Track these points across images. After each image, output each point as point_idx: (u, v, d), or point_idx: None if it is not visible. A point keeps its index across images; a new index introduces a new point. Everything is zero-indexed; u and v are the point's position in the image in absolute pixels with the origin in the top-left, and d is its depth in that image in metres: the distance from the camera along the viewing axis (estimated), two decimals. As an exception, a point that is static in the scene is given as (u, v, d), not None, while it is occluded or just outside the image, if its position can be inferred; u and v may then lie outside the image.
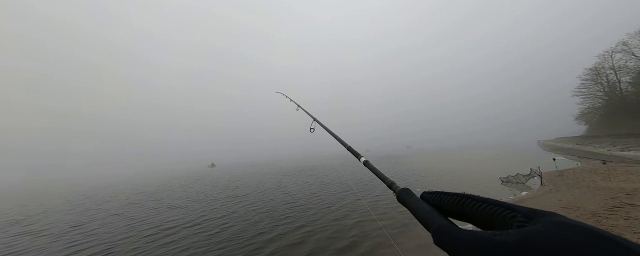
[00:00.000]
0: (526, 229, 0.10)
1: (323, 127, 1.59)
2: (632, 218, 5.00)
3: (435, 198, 0.25)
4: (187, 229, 7.89)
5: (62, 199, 20.30)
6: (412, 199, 0.30)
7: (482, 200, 0.17)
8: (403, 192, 0.35)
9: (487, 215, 0.15)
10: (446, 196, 0.22)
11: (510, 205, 0.13)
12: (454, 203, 0.20)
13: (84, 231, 8.77)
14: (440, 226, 0.16)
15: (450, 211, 0.21)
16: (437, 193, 0.25)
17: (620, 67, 40.38)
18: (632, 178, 9.14)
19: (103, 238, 7.74)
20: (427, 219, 0.22)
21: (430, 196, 0.26)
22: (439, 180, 14.34)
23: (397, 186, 0.43)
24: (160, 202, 14.10)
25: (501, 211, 0.13)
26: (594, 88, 48.31)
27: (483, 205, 0.16)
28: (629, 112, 40.22)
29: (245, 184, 19.77)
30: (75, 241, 7.63)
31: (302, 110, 2.24)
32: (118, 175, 71.43)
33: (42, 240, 8.05)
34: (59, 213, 13.19)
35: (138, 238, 7.37)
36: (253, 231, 7.03)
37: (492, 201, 0.16)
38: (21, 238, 8.62)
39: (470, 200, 0.18)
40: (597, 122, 56.83)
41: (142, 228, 8.46)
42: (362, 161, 0.84)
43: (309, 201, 10.62)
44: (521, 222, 0.11)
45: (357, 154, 0.94)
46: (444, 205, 0.22)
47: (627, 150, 20.80)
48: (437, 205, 0.24)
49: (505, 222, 0.12)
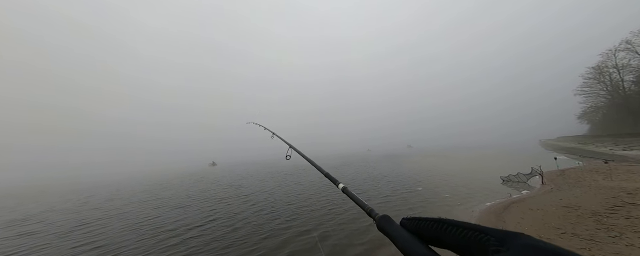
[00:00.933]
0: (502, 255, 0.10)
1: (300, 153, 1.57)
2: (633, 217, 5.00)
3: (414, 224, 0.25)
4: (212, 223, 7.98)
5: (63, 197, 20.46)
6: (392, 227, 0.31)
7: (457, 224, 0.18)
8: (382, 219, 0.36)
9: (462, 239, 0.16)
10: (424, 222, 0.23)
11: (483, 228, 0.15)
12: (431, 229, 0.22)
13: (89, 231, 8.85)
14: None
15: (428, 238, 0.22)
16: (416, 219, 0.26)
17: (624, 65, 40.08)
18: (634, 178, 9.11)
19: (110, 236, 7.82)
20: (407, 248, 0.23)
21: (409, 223, 0.27)
22: (440, 180, 14.35)
23: (376, 213, 0.43)
24: (186, 200, 14.17)
25: (475, 236, 0.15)
26: (596, 87, 48.01)
27: (458, 229, 0.17)
28: (631, 111, 40.00)
29: (261, 183, 19.82)
30: (81, 240, 7.71)
31: (278, 137, 2.21)
32: (118, 174, 71.77)
33: (47, 238, 8.14)
34: (64, 211, 13.31)
35: (157, 239, 7.43)
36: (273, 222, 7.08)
37: (466, 226, 0.17)
38: (28, 237, 8.72)
39: (446, 225, 0.19)
40: (599, 121, 56.55)
41: (166, 228, 8.49)
42: (340, 187, 0.81)
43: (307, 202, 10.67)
44: (496, 246, 0.12)
45: (335, 180, 0.92)
46: (423, 230, 0.23)
47: (630, 150, 20.71)
48: (417, 232, 0.25)
49: (479, 247, 0.13)
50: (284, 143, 1.87)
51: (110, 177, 52.36)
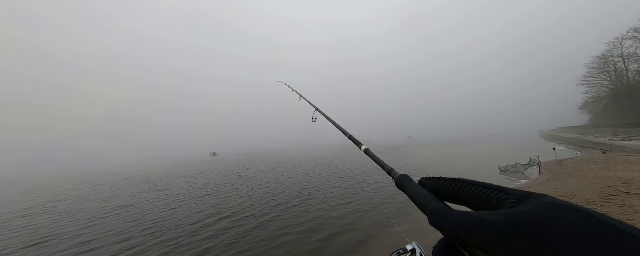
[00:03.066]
0: (517, 209, 0.11)
1: (325, 116, 1.57)
2: (626, 206, 5.10)
3: (433, 183, 0.26)
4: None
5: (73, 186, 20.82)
6: (410, 185, 0.32)
7: (477, 184, 0.18)
8: (402, 178, 0.37)
9: (481, 198, 0.16)
10: (443, 182, 0.24)
11: (503, 188, 0.15)
12: (450, 188, 0.22)
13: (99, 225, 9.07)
14: (436, 208, 0.19)
15: (446, 196, 0.23)
16: (435, 179, 0.26)
17: (630, 54, 39.38)
18: (631, 168, 9.20)
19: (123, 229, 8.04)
20: (423, 203, 0.24)
21: (428, 182, 0.27)
22: (439, 170, 14.52)
23: (396, 172, 0.45)
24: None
25: (495, 194, 0.14)
26: (600, 76, 47.47)
27: (478, 188, 0.17)
28: (634, 101, 39.72)
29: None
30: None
31: (305, 99, 2.21)
32: (119, 166, 72.57)
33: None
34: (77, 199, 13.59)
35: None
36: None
37: (486, 185, 0.17)
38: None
39: (466, 184, 0.19)
40: (601, 112, 56.36)
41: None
42: (363, 149, 0.86)
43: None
44: (513, 204, 0.12)
45: (359, 143, 0.96)
46: (441, 189, 0.23)
47: (629, 140, 20.77)
48: (434, 190, 0.25)
49: (498, 204, 0.13)
50: (311, 105, 1.88)
51: (113, 168, 52.86)
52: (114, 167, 51.81)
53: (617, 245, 0.06)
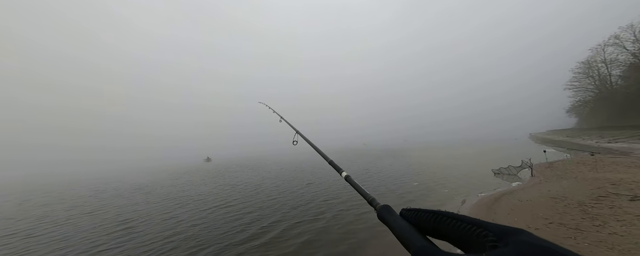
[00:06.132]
0: (498, 252, 0.11)
1: (305, 139, 1.55)
2: (616, 206, 5.22)
3: (414, 215, 0.26)
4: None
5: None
6: (392, 217, 0.32)
7: (455, 217, 0.19)
8: (383, 209, 0.37)
9: (461, 232, 0.17)
10: (423, 214, 0.24)
11: (481, 223, 0.15)
12: (430, 221, 0.22)
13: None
14: (420, 248, 0.19)
15: (427, 229, 0.23)
16: (415, 210, 0.27)
17: (612, 60, 41.12)
18: (618, 169, 9.47)
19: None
20: (407, 238, 0.24)
21: (409, 214, 0.27)
22: (433, 172, 14.62)
23: (377, 203, 0.45)
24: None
25: (474, 230, 0.15)
26: (585, 81, 49.25)
27: (457, 223, 0.18)
28: (617, 105, 41.29)
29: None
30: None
31: (285, 121, 2.17)
32: (111, 170, 70.57)
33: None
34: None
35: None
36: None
37: (465, 219, 0.18)
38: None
39: (446, 217, 0.20)
40: (587, 115, 58.23)
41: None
42: (344, 176, 0.81)
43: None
44: (493, 242, 0.12)
45: (339, 169, 0.92)
46: (422, 222, 0.24)
47: (614, 142, 21.45)
48: (416, 223, 0.25)
49: (478, 241, 0.14)
50: (291, 128, 1.85)
51: (107, 174, 51.40)
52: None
53: None
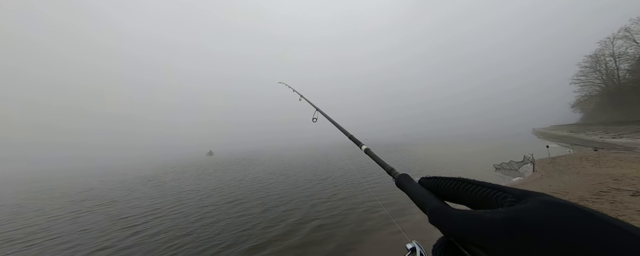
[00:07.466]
0: (514, 208, 0.11)
1: (326, 116, 1.56)
2: (616, 202, 5.22)
3: (432, 182, 0.26)
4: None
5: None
6: (410, 184, 0.32)
7: (476, 183, 0.19)
8: (402, 177, 0.37)
9: (480, 197, 0.16)
10: (442, 181, 0.24)
11: (501, 187, 0.15)
12: (449, 187, 0.22)
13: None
14: (435, 207, 0.19)
15: (446, 195, 0.23)
16: (434, 178, 0.26)
17: (620, 54, 40.18)
18: (621, 164, 9.42)
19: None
20: (423, 202, 0.24)
21: (428, 182, 0.27)
22: (436, 167, 14.65)
23: (396, 172, 0.46)
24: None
25: (493, 193, 0.15)
26: (592, 75, 48.36)
27: (477, 187, 0.17)
28: (624, 100, 40.58)
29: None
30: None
31: (305, 100, 2.20)
32: (115, 165, 71.56)
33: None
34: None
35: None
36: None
37: (485, 184, 0.17)
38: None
39: (465, 183, 0.20)
40: (592, 110, 57.43)
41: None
42: (363, 149, 0.85)
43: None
44: (511, 202, 0.12)
45: (359, 142, 0.96)
46: (441, 189, 0.24)
47: (619, 137, 21.24)
48: (434, 190, 0.26)
49: (497, 203, 0.13)
50: (311, 106, 1.87)
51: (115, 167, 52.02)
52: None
53: (617, 244, 0.06)
